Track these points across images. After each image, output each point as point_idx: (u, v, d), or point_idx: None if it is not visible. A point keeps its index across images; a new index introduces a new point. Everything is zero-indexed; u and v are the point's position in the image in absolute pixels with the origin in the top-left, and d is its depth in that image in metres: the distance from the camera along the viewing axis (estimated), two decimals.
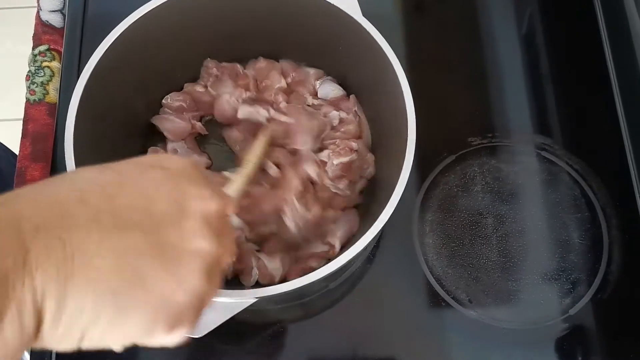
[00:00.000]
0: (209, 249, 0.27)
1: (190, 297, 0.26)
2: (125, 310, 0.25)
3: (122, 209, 0.26)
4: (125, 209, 0.26)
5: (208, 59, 0.55)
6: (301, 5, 0.48)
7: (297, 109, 0.51)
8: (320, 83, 0.54)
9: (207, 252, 0.27)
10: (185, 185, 0.29)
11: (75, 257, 0.24)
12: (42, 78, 0.64)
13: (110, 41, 0.46)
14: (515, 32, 0.63)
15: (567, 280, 0.53)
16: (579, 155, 0.58)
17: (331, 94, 0.54)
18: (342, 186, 0.50)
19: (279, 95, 0.53)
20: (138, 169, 0.28)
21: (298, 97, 0.54)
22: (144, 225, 0.26)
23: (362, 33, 0.47)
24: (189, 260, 0.27)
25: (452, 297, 0.53)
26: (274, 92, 0.53)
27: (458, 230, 0.55)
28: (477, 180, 0.57)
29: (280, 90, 0.53)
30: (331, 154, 0.51)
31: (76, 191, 0.26)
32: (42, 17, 0.67)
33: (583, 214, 0.56)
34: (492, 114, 0.60)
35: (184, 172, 0.29)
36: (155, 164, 0.29)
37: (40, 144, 0.62)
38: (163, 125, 0.53)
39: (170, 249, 0.26)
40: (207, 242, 0.27)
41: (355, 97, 0.54)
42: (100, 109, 0.48)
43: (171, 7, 0.47)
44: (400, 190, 0.43)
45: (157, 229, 0.26)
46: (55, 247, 0.24)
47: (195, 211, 0.28)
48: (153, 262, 0.26)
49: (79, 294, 0.24)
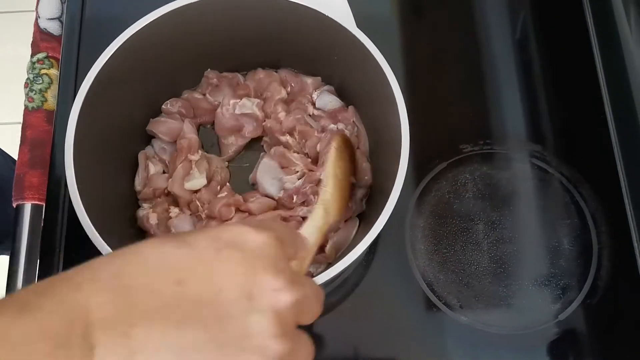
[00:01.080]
0: (273, 347, 0.26)
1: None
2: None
3: (190, 301, 0.26)
4: (193, 302, 0.26)
5: (209, 69, 0.56)
6: (297, 17, 0.49)
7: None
8: (318, 94, 0.55)
9: (271, 351, 0.26)
10: (259, 273, 0.27)
11: (137, 354, 0.24)
12: (40, 85, 0.65)
13: (111, 51, 0.47)
14: (509, 38, 0.64)
15: (557, 285, 0.54)
16: (569, 162, 0.59)
17: (329, 105, 0.55)
18: None
19: (278, 106, 0.54)
20: (214, 247, 0.27)
21: (299, 107, 0.54)
22: (208, 319, 0.26)
23: (356, 44, 0.48)
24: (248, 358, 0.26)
25: (444, 302, 0.54)
26: (274, 103, 0.54)
27: (450, 236, 0.56)
28: (468, 186, 0.58)
29: (280, 100, 0.54)
30: None
31: (145, 276, 0.26)
32: (41, 24, 0.68)
33: (573, 220, 0.57)
34: (484, 121, 0.61)
35: (262, 253, 0.28)
36: (234, 240, 0.28)
37: (39, 150, 0.62)
38: (157, 128, 0.53)
39: (230, 347, 0.26)
40: (271, 341, 0.26)
41: (349, 100, 0.55)
42: (100, 117, 0.48)
43: (170, 18, 0.48)
44: (394, 201, 0.44)
45: (220, 323, 0.26)
46: (120, 345, 0.24)
47: (264, 305, 0.26)
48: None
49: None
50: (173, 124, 0.53)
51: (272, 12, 0.49)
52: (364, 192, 0.53)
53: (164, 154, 0.53)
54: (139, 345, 0.24)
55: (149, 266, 0.26)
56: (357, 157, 0.52)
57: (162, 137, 0.53)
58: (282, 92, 0.54)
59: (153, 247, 0.27)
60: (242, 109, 0.53)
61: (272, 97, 0.54)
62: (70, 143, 0.45)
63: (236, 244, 0.28)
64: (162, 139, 0.53)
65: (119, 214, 0.51)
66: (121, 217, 0.52)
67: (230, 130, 0.53)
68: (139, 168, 0.53)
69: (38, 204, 0.60)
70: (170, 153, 0.53)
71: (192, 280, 0.26)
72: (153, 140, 0.54)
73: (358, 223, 0.52)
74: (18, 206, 0.61)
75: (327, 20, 0.48)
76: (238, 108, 0.53)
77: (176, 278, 0.26)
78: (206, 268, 0.27)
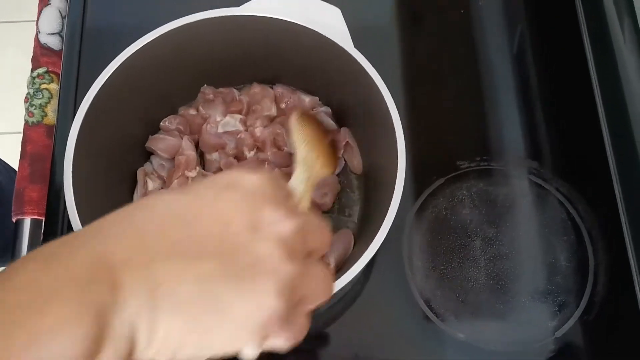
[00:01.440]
0: (282, 269, 0.28)
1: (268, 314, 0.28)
2: (210, 333, 0.27)
3: (199, 237, 0.28)
4: (202, 238, 0.28)
5: (205, 85, 0.56)
6: (295, 36, 0.50)
7: None
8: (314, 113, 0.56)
9: (281, 271, 0.28)
10: (260, 206, 0.29)
11: (160, 288, 0.26)
12: (40, 100, 0.66)
13: (110, 70, 0.47)
14: (507, 54, 0.65)
15: (554, 302, 0.55)
16: (565, 178, 0.59)
17: None
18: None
19: (258, 121, 0.54)
20: (214, 191, 0.30)
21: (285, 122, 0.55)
22: (220, 252, 0.28)
23: (353, 63, 0.48)
24: (263, 281, 0.28)
25: (441, 319, 0.54)
26: (257, 117, 0.54)
27: (447, 252, 0.56)
28: (465, 203, 0.58)
29: (266, 117, 0.54)
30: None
31: (155, 222, 0.28)
32: (41, 39, 0.68)
33: (569, 236, 0.57)
34: (481, 138, 0.61)
35: (259, 189, 0.30)
36: (233, 182, 0.30)
37: (39, 165, 0.63)
38: (156, 145, 0.54)
39: (245, 273, 0.28)
40: (279, 263, 0.28)
41: (348, 123, 0.56)
42: (99, 135, 0.49)
43: (169, 37, 0.49)
44: (390, 220, 0.44)
45: (232, 254, 0.28)
46: (143, 280, 0.26)
47: (269, 234, 0.29)
48: (230, 287, 0.27)
49: (167, 321, 0.26)
50: (172, 141, 0.53)
51: (270, 32, 0.50)
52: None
53: (162, 171, 0.53)
54: (161, 278, 0.26)
55: (156, 214, 0.28)
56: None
57: (161, 154, 0.53)
58: (272, 109, 0.55)
59: (157, 198, 0.30)
60: (225, 127, 0.54)
61: (259, 112, 0.55)
62: (69, 162, 0.45)
63: (234, 185, 0.30)
64: (161, 155, 0.53)
65: None
66: None
67: (213, 147, 0.54)
68: (138, 184, 0.53)
69: (38, 218, 0.61)
70: (169, 169, 0.53)
71: (199, 220, 0.28)
72: (152, 157, 0.55)
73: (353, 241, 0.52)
74: (18, 221, 0.61)
75: (325, 39, 0.49)
76: (221, 127, 0.53)
77: (184, 220, 0.28)
78: (210, 208, 0.29)
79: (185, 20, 0.49)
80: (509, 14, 0.66)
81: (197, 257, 0.27)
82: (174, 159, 0.53)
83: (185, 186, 0.29)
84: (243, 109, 0.55)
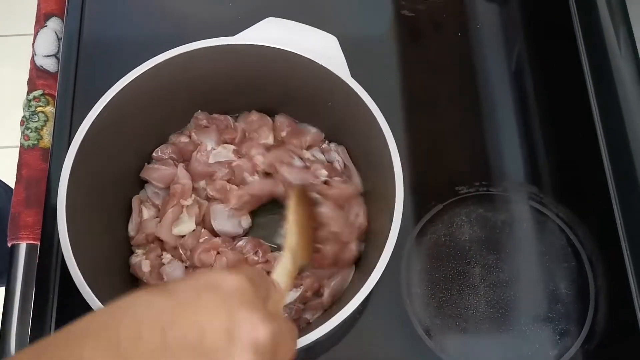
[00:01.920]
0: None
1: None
2: None
3: (175, 345, 0.27)
4: (177, 346, 0.27)
5: (199, 110, 0.55)
6: (290, 65, 0.49)
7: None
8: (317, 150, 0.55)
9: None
10: (237, 310, 0.29)
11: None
12: (36, 123, 0.65)
13: (105, 101, 0.47)
14: (506, 78, 0.64)
15: (555, 330, 0.54)
16: (565, 204, 0.58)
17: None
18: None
19: (254, 149, 0.53)
20: (193, 292, 0.30)
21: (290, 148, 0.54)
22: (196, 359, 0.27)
23: (349, 92, 0.48)
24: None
25: (440, 348, 0.53)
26: (254, 146, 0.53)
27: (446, 280, 0.56)
28: (464, 229, 0.57)
29: (262, 145, 0.54)
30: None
31: (132, 327, 0.28)
32: (37, 62, 0.68)
33: (570, 263, 0.56)
34: (480, 163, 0.60)
35: (238, 291, 0.30)
36: (211, 284, 0.30)
37: (34, 189, 0.62)
38: (150, 175, 0.53)
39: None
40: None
41: (347, 148, 0.55)
42: (93, 165, 0.48)
43: (164, 66, 0.49)
44: (389, 252, 0.44)
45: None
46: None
47: (245, 340, 0.29)
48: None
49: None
50: (166, 171, 0.52)
51: (266, 60, 0.50)
52: (360, 236, 0.53)
53: (157, 199, 0.53)
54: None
55: (135, 317, 0.28)
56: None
57: (156, 184, 0.53)
58: (270, 138, 0.54)
59: (137, 298, 0.29)
60: (216, 158, 0.53)
61: (256, 140, 0.54)
62: (63, 193, 0.45)
63: (213, 286, 0.30)
64: (155, 185, 0.53)
65: (112, 261, 0.51)
66: (115, 263, 0.51)
67: (201, 175, 0.53)
68: (133, 213, 0.53)
69: (33, 243, 0.60)
70: (163, 198, 0.53)
71: (177, 325, 0.28)
72: (146, 185, 0.54)
73: (354, 270, 0.52)
74: (13, 246, 0.61)
75: (321, 68, 0.48)
76: (212, 157, 0.53)
77: (162, 325, 0.28)
78: (188, 312, 0.29)
79: (180, 50, 0.48)
80: (506, 36, 0.66)
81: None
82: (168, 187, 0.52)
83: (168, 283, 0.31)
84: (237, 137, 0.54)
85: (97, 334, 0.27)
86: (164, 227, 0.50)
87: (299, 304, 0.50)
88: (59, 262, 0.58)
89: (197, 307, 0.29)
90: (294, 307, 0.50)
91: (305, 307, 0.50)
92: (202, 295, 0.29)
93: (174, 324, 0.28)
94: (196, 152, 0.53)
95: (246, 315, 0.29)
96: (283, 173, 0.52)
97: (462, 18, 0.67)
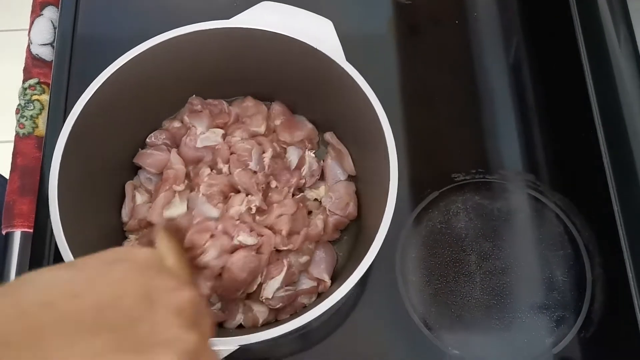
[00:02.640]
0: (183, 337, 0.27)
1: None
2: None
3: (90, 309, 0.26)
4: (93, 309, 0.26)
5: (194, 95, 0.55)
6: (285, 49, 0.49)
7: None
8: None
9: (181, 341, 0.27)
10: (154, 277, 0.28)
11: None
12: (31, 111, 0.65)
13: (97, 84, 0.47)
14: (504, 66, 0.64)
15: (551, 318, 0.54)
16: (562, 192, 0.58)
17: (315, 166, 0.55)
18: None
19: (238, 131, 0.53)
20: (104, 264, 0.29)
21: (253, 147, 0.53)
22: (113, 324, 0.26)
23: (344, 76, 0.48)
24: (163, 351, 0.26)
25: (436, 335, 0.53)
26: (242, 130, 0.53)
27: (441, 267, 0.55)
28: (460, 216, 0.57)
29: (248, 132, 0.53)
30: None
31: (40, 294, 0.26)
32: (33, 50, 0.68)
33: (566, 251, 0.56)
34: (477, 150, 0.60)
35: (151, 262, 0.30)
36: (121, 257, 0.29)
37: (29, 178, 0.62)
38: (143, 161, 0.53)
39: (143, 346, 0.26)
40: (179, 331, 0.27)
41: (340, 133, 0.55)
42: (86, 149, 0.48)
43: (158, 50, 0.48)
44: (383, 235, 0.43)
45: (127, 326, 0.26)
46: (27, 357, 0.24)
47: (165, 303, 0.28)
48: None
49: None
50: (159, 156, 0.52)
51: (261, 44, 0.49)
52: (342, 221, 0.53)
53: (149, 184, 0.52)
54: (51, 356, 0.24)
55: (42, 288, 0.26)
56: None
57: (149, 169, 0.52)
58: (262, 126, 0.54)
59: (44, 272, 0.28)
60: (204, 142, 0.52)
61: (246, 125, 0.54)
62: (54, 176, 0.44)
63: (123, 258, 0.29)
64: (148, 170, 0.52)
65: (105, 247, 0.50)
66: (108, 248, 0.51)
67: (190, 160, 0.53)
68: (126, 198, 0.53)
69: (27, 231, 0.60)
70: (156, 183, 0.52)
71: (89, 291, 0.27)
72: (139, 171, 0.54)
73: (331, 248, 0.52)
74: (7, 234, 0.61)
75: (316, 52, 0.48)
76: (200, 141, 0.52)
77: (73, 292, 0.26)
78: (101, 280, 0.27)
79: (175, 33, 0.48)
80: (504, 24, 0.66)
81: (90, 331, 0.25)
82: (161, 173, 0.52)
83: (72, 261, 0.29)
84: (230, 121, 0.54)
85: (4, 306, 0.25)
86: (155, 211, 0.49)
87: (289, 287, 0.50)
88: (52, 249, 0.57)
89: (110, 278, 0.27)
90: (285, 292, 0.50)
91: (298, 291, 0.50)
92: (115, 265, 0.28)
93: (85, 292, 0.26)
94: (186, 136, 0.52)
95: (164, 281, 0.29)
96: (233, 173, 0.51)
97: (459, 6, 0.66)
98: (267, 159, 0.52)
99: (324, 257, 0.51)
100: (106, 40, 0.65)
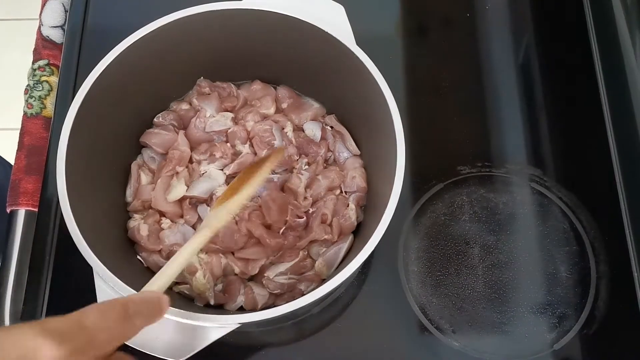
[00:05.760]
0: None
1: None
2: None
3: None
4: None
5: (202, 77, 0.55)
6: (295, 32, 0.49)
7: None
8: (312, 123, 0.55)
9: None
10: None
11: None
12: (40, 92, 0.65)
13: (106, 63, 0.47)
14: (512, 61, 0.64)
15: (553, 314, 0.53)
16: (569, 188, 0.57)
17: (310, 134, 0.54)
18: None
19: (250, 115, 0.53)
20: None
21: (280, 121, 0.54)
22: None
23: (354, 61, 0.47)
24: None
25: (436, 326, 0.52)
26: (252, 113, 0.53)
27: (444, 259, 0.55)
28: (465, 209, 0.57)
29: (259, 114, 0.53)
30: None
31: None
32: (43, 32, 0.68)
33: (571, 247, 0.55)
34: (483, 143, 0.60)
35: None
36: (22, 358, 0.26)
37: (35, 157, 0.62)
38: (150, 139, 0.53)
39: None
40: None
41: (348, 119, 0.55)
42: (94, 127, 0.48)
43: (167, 31, 0.48)
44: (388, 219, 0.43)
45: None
46: None
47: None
48: None
49: None
50: (166, 136, 0.52)
51: (271, 26, 0.49)
52: (360, 198, 0.52)
53: (152, 164, 0.52)
54: None
55: None
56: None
57: (155, 149, 0.52)
58: (272, 108, 0.54)
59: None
60: (213, 127, 0.53)
61: (256, 108, 0.54)
62: (62, 154, 0.44)
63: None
64: (154, 149, 0.52)
65: (110, 224, 0.50)
66: (113, 227, 0.51)
67: (198, 142, 0.53)
68: (131, 178, 0.52)
69: (32, 210, 0.60)
70: (159, 163, 0.52)
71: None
72: (143, 150, 0.54)
73: (352, 239, 0.51)
74: (12, 212, 0.61)
75: (326, 35, 0.48)
76: (209, 125, 0.52)
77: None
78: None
79: (185, 13, 0.48)
80: (515, 18, 0.65)
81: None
82: (166, 153, 0.52)
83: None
84: (238, 105, 0.54)
85: None
86: (159, 198, 0.49)
87: (293, 275, 0.50)
88: (56, 228, 0.57)
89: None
90: (288, 279, 0.50)
91: (300, 278, 0.50)
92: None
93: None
94: (195, 117, 0.52)
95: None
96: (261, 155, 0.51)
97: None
98: (290, 132, 0.52)
99: (336, 246, 0.51)
100: (117, 24, 0.66)
